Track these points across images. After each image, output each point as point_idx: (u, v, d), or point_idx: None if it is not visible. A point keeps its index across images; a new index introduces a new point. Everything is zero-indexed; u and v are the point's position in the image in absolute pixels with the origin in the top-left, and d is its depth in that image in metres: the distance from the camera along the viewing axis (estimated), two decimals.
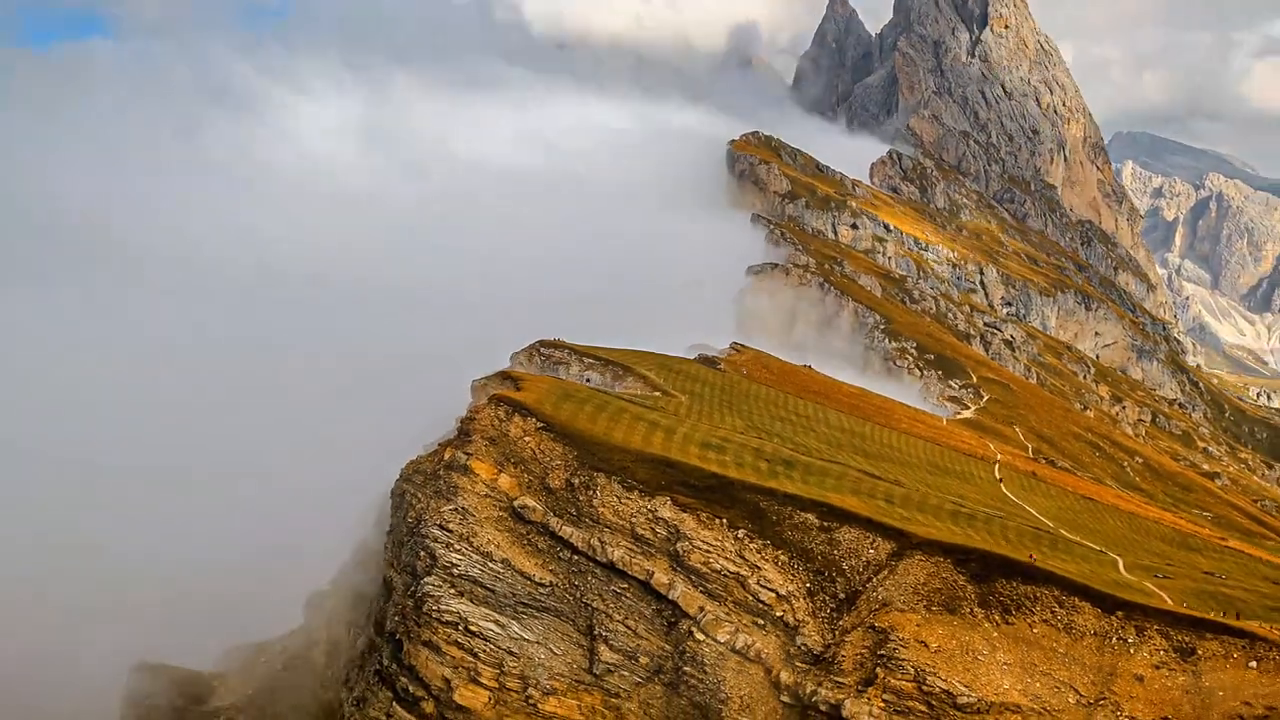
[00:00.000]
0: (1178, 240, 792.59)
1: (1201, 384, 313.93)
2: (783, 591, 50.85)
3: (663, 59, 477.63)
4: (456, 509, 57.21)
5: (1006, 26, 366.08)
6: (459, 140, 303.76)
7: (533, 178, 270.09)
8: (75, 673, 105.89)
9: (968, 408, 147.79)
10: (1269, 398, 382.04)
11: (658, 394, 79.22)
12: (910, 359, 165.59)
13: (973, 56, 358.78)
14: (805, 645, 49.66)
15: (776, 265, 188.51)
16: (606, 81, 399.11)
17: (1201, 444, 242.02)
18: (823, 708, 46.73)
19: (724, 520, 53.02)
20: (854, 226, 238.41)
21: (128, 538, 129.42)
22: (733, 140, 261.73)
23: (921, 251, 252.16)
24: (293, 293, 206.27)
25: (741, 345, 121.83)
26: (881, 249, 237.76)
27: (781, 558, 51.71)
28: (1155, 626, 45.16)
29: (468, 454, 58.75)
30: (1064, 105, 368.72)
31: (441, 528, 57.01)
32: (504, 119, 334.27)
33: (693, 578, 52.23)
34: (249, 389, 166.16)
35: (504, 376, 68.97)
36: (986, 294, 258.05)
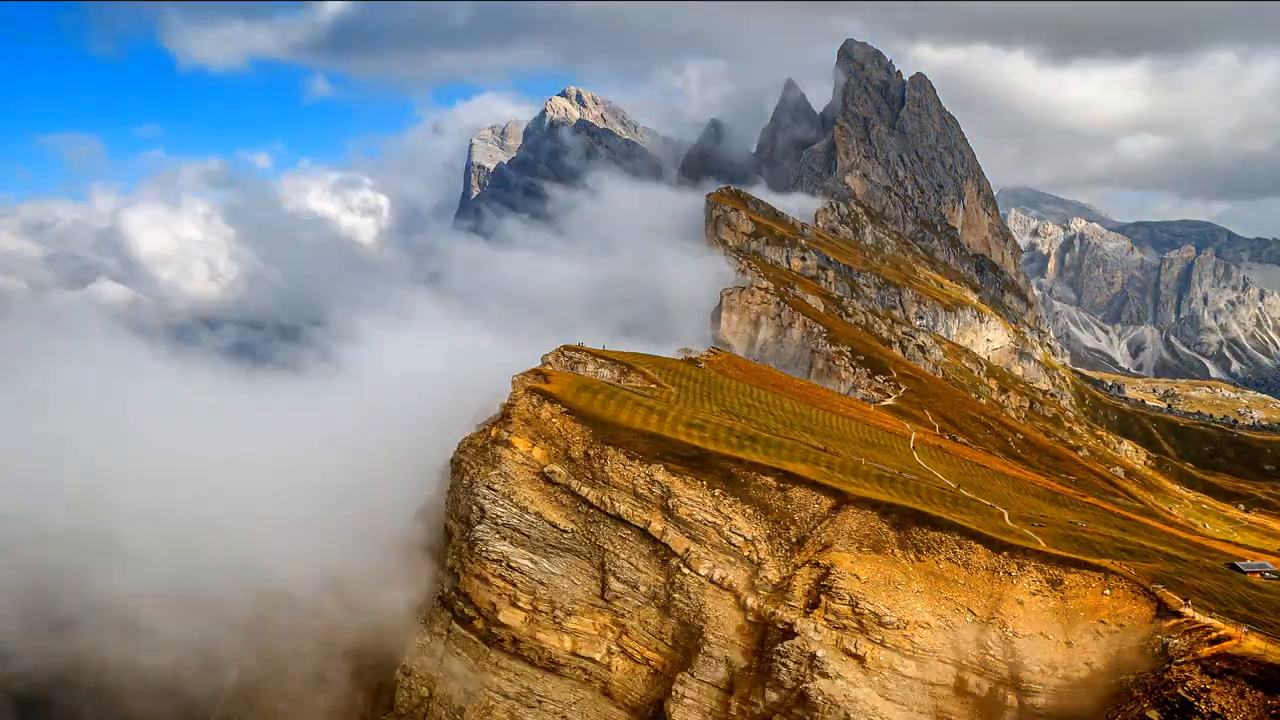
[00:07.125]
0: (1050, 269, 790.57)
1: (1067, 378, 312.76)
2: (749, 536, 50.75)
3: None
4: (500, 474, 57.13)
5: (920, 106, 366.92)
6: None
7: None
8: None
9: (889, 397, 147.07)
10: (1118, 389, 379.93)
11: (654, 386, 78.95)
12: (845, 359, 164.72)
13: (894, 129, 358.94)
14: (766, 577, 49.58)
15: (744, 288, 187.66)
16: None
17: (1067, 424, 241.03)
18: (780, 625, 46.62)
19: (704, 482, 52.92)
20: (803, 259, 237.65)
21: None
22: (710, 194, 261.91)
23: (854, 278, 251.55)
24: None
25: (717, 349, 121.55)
26: (824, 276, 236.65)
27: (748, 510, 51.62)
28: (1033, 563, 45.05)
29: (509, 432, 58.66)
30: (962, 166, 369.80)
31: (489, 488, 56.93)
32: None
33: (680, 525, 52.15)
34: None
35: (536, 373, 68.77)
36: (904, 309, 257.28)
